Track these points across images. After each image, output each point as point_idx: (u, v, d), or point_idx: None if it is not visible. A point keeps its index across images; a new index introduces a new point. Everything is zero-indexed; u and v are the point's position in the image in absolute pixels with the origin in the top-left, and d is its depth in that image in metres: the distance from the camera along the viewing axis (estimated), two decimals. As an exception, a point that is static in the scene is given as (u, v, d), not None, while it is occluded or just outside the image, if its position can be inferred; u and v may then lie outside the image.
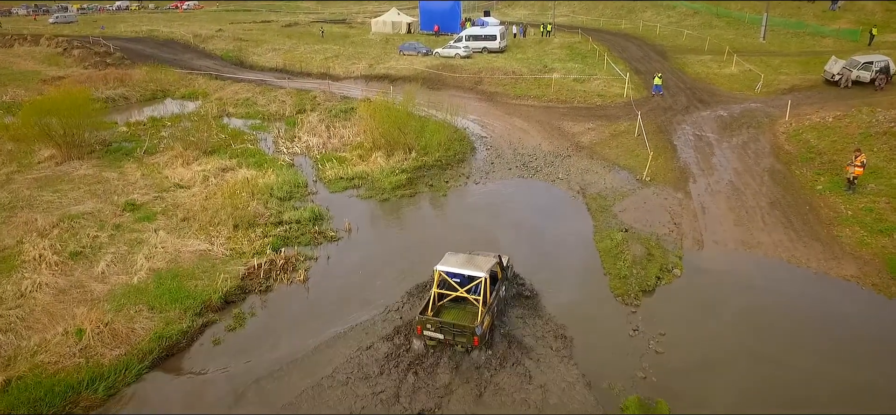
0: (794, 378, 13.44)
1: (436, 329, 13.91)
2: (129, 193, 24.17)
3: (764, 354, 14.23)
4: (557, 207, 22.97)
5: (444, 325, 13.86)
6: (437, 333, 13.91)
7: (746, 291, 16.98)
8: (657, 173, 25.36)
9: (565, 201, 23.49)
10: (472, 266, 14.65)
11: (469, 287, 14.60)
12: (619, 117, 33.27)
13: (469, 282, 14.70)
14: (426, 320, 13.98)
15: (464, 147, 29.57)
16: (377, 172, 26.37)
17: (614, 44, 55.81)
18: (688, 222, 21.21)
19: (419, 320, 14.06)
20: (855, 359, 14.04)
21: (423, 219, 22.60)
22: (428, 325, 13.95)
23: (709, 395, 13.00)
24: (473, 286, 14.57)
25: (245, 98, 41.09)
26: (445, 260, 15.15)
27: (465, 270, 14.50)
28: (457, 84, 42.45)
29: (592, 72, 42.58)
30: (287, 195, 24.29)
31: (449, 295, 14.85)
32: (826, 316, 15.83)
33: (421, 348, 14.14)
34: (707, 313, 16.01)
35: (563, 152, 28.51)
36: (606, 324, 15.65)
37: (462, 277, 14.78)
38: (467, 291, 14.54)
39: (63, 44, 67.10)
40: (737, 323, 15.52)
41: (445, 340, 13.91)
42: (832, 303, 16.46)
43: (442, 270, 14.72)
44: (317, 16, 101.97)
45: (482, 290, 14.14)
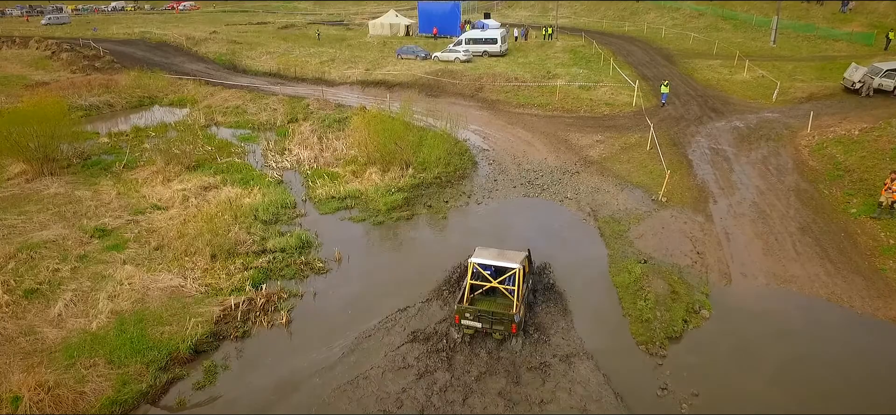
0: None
1: (474, 318, 14.29)
2: (101, 216, 22.02)
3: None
4: (567, 232, 20.86)
5: (483, 313, 14.22)
6: (475, 321, 14.30)
7: (785, 338, 14.89)
8: (674, 192, 23.27)
9: (575, 225, 21.39)
10: (504, 259, 14.98)
11: (502, 279, 14.84)
12: (629, 128, 31.16)
13: (501, 274, 14.98)
14: (464, 310, 14.35)
15: (464, 162, 27.45)
16: (372, 191, 24.25)
17: (619, 47, 53.69)
18: (712, 251, 19.12)
19: (458, 310, 14.41)
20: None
21: (422, 246, 20.46)
22: (466, 314, 14.33)
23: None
24: (507, 277, 14.81)
25: (235, 106, 38.93)
26: (478, 253, 15.36)
27: (498, 262, 14.83)
28: (456, 91, 40.32)
29: (598, 78, 40.45)
30: (273, 218, 22.17)
31: (482, 286, 15.07)
32: (880, 369, 13.75)
33: (458, 338, 14.50)
34: (743, 367, 13.92)
35: (571, 168, 26.40)
36: (630, 380, 13.56)
37: (494, 269, 15.09)
38: (500, 282, 14.76)
39: (52, 47, 64.75)
40: (778, 380, 13.44)
41: (483, 328, 14.33)
42: (887, 353, 14.37)
43: (476, 263, 14.95)
44: (314, 17, 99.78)
45: (516, 280, 14.51)
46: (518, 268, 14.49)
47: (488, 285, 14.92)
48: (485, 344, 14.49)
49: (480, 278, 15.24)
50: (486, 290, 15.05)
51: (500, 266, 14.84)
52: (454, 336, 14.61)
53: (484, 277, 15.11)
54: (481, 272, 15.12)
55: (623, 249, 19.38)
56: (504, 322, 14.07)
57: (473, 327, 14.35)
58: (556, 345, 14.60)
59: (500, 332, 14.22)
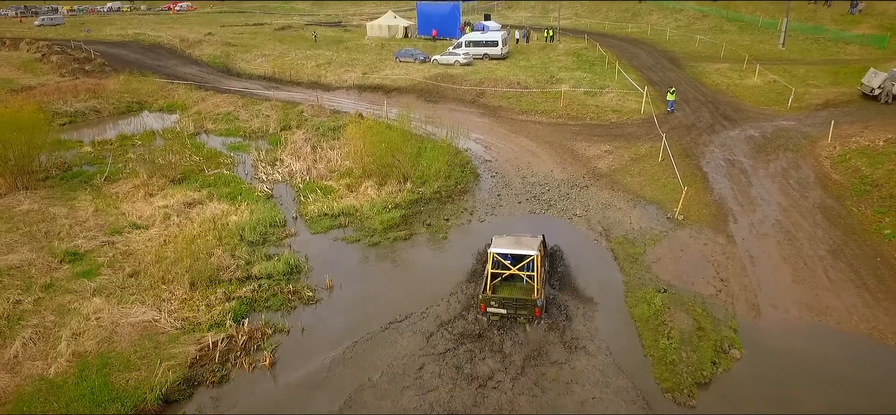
0: None
1: (499, 305, 14.84)
2: (75, 237, 20.26)
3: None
4: (578, 255, 19.07)
5: (507, 300, 14.82)
6: (501, 308, 14.86)
7: (829, 386, 13.19)
8: (690, 209, 21.56)
9: (586, 247, 19.65)
10: (521, 246, 15.64)
11: (521, 265, 15.50)
12: (639, 137, 29.44)
13: (519, 260, 15.63)
14: (490, 298, 14.93)
15: (466, 174, 25.72)
16: (367, 207, 22.52)
17: (623, 50, 51.92)
18: (736, 278, 17.41)
19: (483, 299, 14.97)
20: None
21: (420, 271, 18.70)
22: (491, 302, 14.89)
23: None
24: (526, 263, 15.48)
25: (226, 112, 37.16)
26: (495, 243, 16.00)
27: (516, 250, 15.51)
28: (456, 97, 38.57)
29: (603, 83, 38.72)
30: (260, 238, 20.42)
31: (501, 274, 15.71)
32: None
33: (485, 324, 14.90)
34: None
35: (580, 181, 24.69)
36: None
37: (513, 257, 15.79)
38: (519, 269, 15.51)
39: (43, 49, 62.87)
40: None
41: (508, 314, 14.90)
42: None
43: (495, 252, 15.61)
44: (311, 18, 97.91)
45: (535, 266, 15.16)
46: (535, 254, 15.17)
47: (508, 272, 15.60)
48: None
49: (500, 266, 15.87)
50: (506, 276, 15.69)
51: (518, 254, 15.56)
52: (483, 321, 15.06)
53: (503, 265, 15.83)
54: (501, 261, 15.86)
55: (640, 276, 17.67)
56: (527, 307, 14.76)
57: (499, 313, 14.98)
58: (570, 386, 12.91)
59: (524, 316, 14.88)
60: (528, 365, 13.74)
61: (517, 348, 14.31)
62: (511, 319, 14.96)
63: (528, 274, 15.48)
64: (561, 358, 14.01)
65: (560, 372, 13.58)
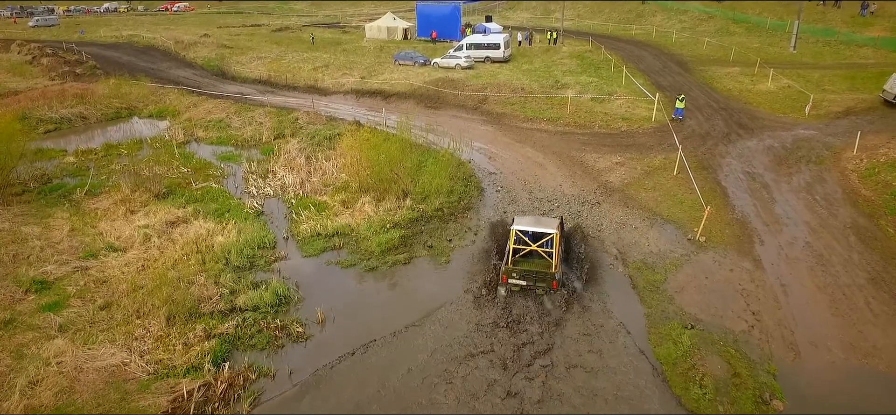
0: None
1: (520, 277, 15.95)
2: (45, 262, 18.51)
3: None
4: (593, 281, 17.37)
5: (527, 272, 15.91)
6: (521, 280, 15.96)
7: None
8: (712, 229, 19.83)
9: (602, 272, 17.91)
10: (541, 225, 16.87)
11: (540, 243, 16.65)
12: (651, 148, 27.71)
13: (540, 238, 16.76)
14: (511, 270, 16.01)
15: (469, 189, 23.97)
16: (364, 227, 20.79)
17: (629, 53, 50.24)
18: (769, 311, 15.70)
19: (505, 270, 16.06)
20: None
21: (421, 300, 16.92)
22: (513, 274, 15.97)
23: None
24: (546, 240, 16.60)
25: (218, 119, 35.40)
26: (517, 221, 17.06)
27: (536, 228, 16.67)
28: (458, 103, 36.82)
29: (611, 88, 36.98)
30: (247, 263, 18.68)
31: (522, 249, 16.80)
32: None
33: (505, 295, 16.06)
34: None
35: (591, 197, 22.96)
36: None
37: (533, 234, 16.91)
38: (539, 246, 16.66)
39: (34, 51, 61.05)
40: None
41: (527, 285, 16.00)
42: None
43: (517, 229, 16.65)
44: (309, 19, 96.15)
45: (554, 243, 16.32)
46: (555, 232, 16.36)
47: (528, 248, 16.72)
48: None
49: (521, 243, 16.85)
50: (526, 252, 16.81)
51: (539, 231, 16.72)
52: (501, 294, 16.11)
53: (524, 241, 16.81)
54: (522, 237, 16.82)
55: (662, 308, 15.96)
56: (546, 279, 15.86)
57: (519, 284, 16.05)
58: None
59: (542, 288, 15.96)
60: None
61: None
62: (530, 290, 16.10)
63: (546, 250, 16.67)
64: (584, 404, 12.31)
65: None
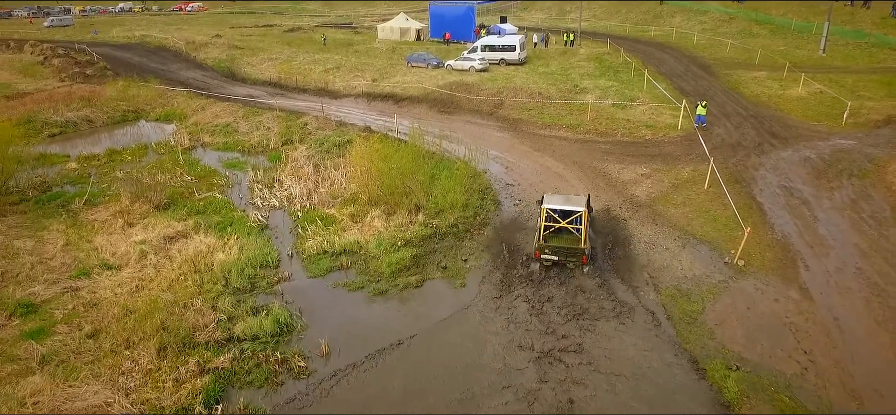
0: None
1: (551, 252, 16.68)
2: (34, 281, 17.28)
3: None
4: (622, 312, 15.75)
5: (559, 248, 16.66)
6: (552, 255, 16.69)
7: None
8: (750, 252, 18.08)
9: (632, 300, 16.26)
10: (570, 203, 17.46)
11: (569, 220, 17.18)
12: (678, 159, 25.94)
13: (568, 216, 17.26)
14: (543, 246, 16.74)
15: (486, 203, 22.39)
16: (373, 244, 19.31)
17: (648, 55, 48.30)
18: (823, 350, 13.97)
19: (538, 246, 16.81)
20: None
21: (434, 330, 15.43)
22: (545, 250, 16.69)
23: None
24: (575, 218, 17.16)
25: (225, 123, 34.14)
26: (547, 200, 17.66)
27: (566, 206, 17.24)
28: (473, 107, 35.23)
29: (632, 93, 35.18)
30: (248, 284, 17.30)
31: (552, 227, 17.29)
32: None
33: (538, 270, 16.86)
34: None
35: (616, 213, 21.28)
36: None
37: (562, 212, 17.31)
38: (568, 223, 17.18)
39: (46, 52, 60.43)
40: None
41: (559, 260, 16.76)
42: None
43: (547, 207, 17.22)
44: (322, 19, 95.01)
45: (582, 220, 16.94)
46: (583, 210, 16.99)
47: (558, 226, 17.20)
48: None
49: (551, 220, 17.32)
50: (556, 230, 17.31)
51: (568, 210, 17.25)
52: (534, 268, 17.02)
53: (554, 219, 17.25)
54: (552, 215, 17.26)
55: (702, 344, 14.30)
56: (576, 254, 16.71)
57: (551, 259, 16.82)
58: None
59: (573, 263, 16.86)
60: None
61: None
62: (561, 264, 16.96)
63: (575, 227, 17.21)
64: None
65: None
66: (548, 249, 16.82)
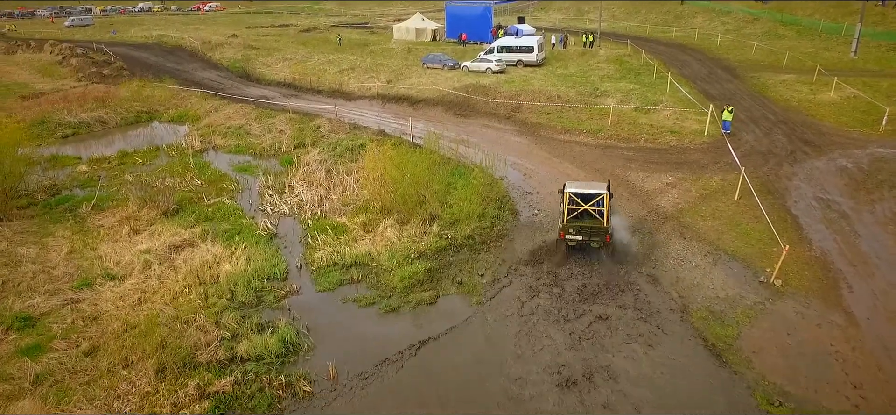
0: None
1: (576, 232, 17.47)
2: (35, 291, 16.60)
3: None
4: (651, 336, 14.61)
5: (583, 228, 17.45)
6: (577, 235, 17.48)
7: None
8: (788, 270, 16.79)
9: (661, 323, 15.10)
10: (591, 187, 18.42)
11: (592, 202, 17.75)
12: (706, 167, 24.62)
13: (590, 199, 17.84)
14: (569, 226, 17.50)
15: (503, 212, 21.32)
16: (385, 255, 18.35)
17: (670, 57, 46.79)
18: (875, 385, 12.69)
19: (563, 227, 17.53)
20: None
21: (447, 352, 14.43)
22: (570, 230, 17.48)
23: None
24: (596, 200, 17.73)
25: (238, 125, 33.46)
26: (570, 185, 18.27)
27: (588, 190, 18.11)
28: (489, 110, 34.15)
29: (655, 96, 33.82)
30: (254, 298, 16.45)
31: (575, 210, 17.76)
32: None
33: (563, 249, 17.82)
34: None
35: (642, 225, 20.09)
36: None
37: (584, 195, 17.91)
38: (590, 206, 17.73)
39: (64, 51, 60.53)
40: None
41: (583, 240, 17.51)
42: None
43: (570, 191, 17.78)
44: (338, 19, 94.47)
45: (604, 203, 17.58)
46: (604, 193, 17.74)
47: (581, 208, 17.72)
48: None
49: (574, 204, 17.82)
50: (579, 212, 17.85)
51: (590, 193, 18.03)
52: (560, 248, 17.96)
53: (577, 202, 17.77)
54: (575, 199, 17.80)
55: (740, 374, 13.09)
56: (599, 234, 17.35)
57: (576, 239, 17.56)
58: None
59: (596, 242, 17.43)
60: None
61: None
62: (585, 244, 17.62)
63: (596, 209, 17.83)
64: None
65: None
66: (572, 230, 17.56)
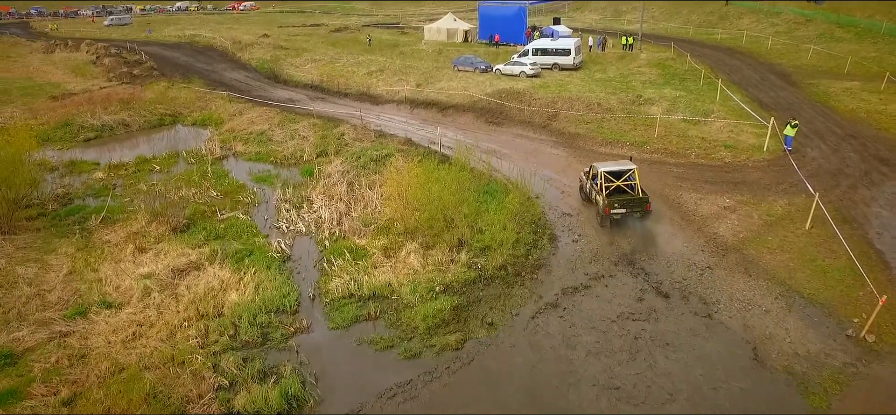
0: None
1: (621, 206, 18.71)
2: (24, 321, 15.01)
3: None
4: (721, 406, 12.07)
5: (626, 201, 18.79)
6: (621, 208, 18.73)
7: None
8: (881, 322, 13.97)
9: (731, 392, 12.51)
10: (620, 165, 20.04)
11: (623, 178, 19.47)
12: (768, 188, 21.72)
13: (622, 175, 19.53)
14: (613, 201, 18.70)
15: (539, 237, 18.93)
16: (407, 287, 16.21)
17: (717, 61, 43.42)
18: None
19: (608, 203, 18.65)
20: None
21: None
22: (615, 204, 18.68)
23: None
24: (628, 175, 19.52)
25: (260, 131, 31.82)
26: (601, 166, 19.90)
27: (618, 167, 19.79)
28: (524, 119, 31.69)
29: (704, 106, 30.81)
30: (260, 335, 14.51)
31: (609, 187, 19.25)
32: None
33: (607, 222, 19.06)
34: None
35: (698, 257, 17.45)
36: None
37: (617, 173, 19.58)
38: (623, 182, 19.44)
39: (99, 51, 60.43)
40: None
41: (626, 212, 18.85)
42: None
43: (603, 171, 19.36)
44: (369, 18, 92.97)
45: (636, 176, 19.35)
46: (634, 167, 19.49)
47: (615, 184, 19.10)
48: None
49: (609, 181, 19.16)
50: (614, 188, 19.10)
51: (621, 170, 19.58)
52: (605, 223, 19.08)
53: (611, 179, 19.13)
54: (609, 177, 19.13)
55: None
56: (640, 204, 18.80)
57: (620, 212, 18.72)
58: None
59: (638, 212, 18.90)
60: None
61: None
62: (628, 215, 18.84)
63: (628, 184, 19.36)
64: None
65: None
66: (617, 203, 18.62)
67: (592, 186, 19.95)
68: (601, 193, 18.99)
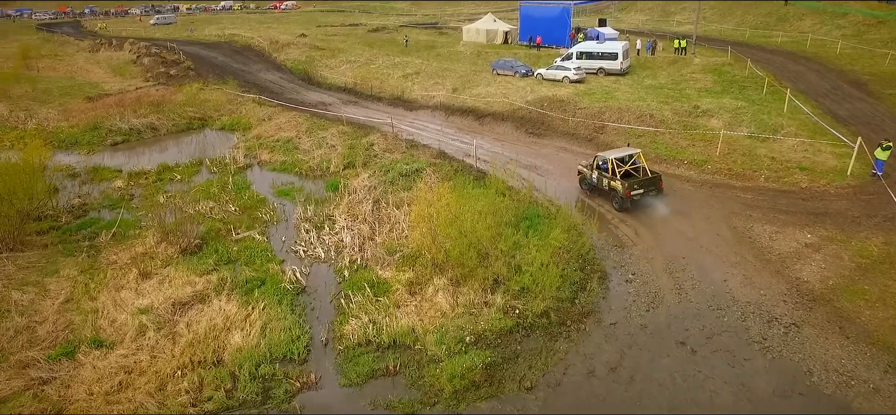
0: None
1: (639, 186, 19.77)
2: (6, 359, 13.32)
3: None
4: None
5: (642, 182, 19.91)
6: (640, 189, 19.80)
7: None
8: None
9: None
10: (623, 151, 20.96)
11: (631, 162, 20.53)
12: (858, 221, 18.37)
13: (628, 160, 20.56)
14: (633, 183, 19.67)
15: (588, 277, 16.23)
16: (433, 336, 13.82)
17: (779, 67, 39.39)
18: None
19: (627, 186, 19.50)
20: None
21: None
22: (634, 186, 19.65)
23: None
24: (634, 159, 20.58)
25: (287, 138, 29.99)
26: (608, 154, 20.77)
27: (624, 153, 20.73)
28: (567, 130, 28.84)
29: (772, 120, 27.27)
30: (260, 391, 12.40)
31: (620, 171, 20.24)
32: None
33: (628, 203, 19.78)
34: None
35: (780, 311, 14.43)
36: None
37: (624, 158, 20.51)
38: (629, 166, 20.47)
39: (140, 50, 60.37)
40: None
41: (644, 192, 19.93)
42: None
43: (612, 158, 20.13)
44: (408, 18, 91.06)
45: (641, 158, 20.58)
46: (638, 151, 20.84)
47: (624, 169, 20.22)
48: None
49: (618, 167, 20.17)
50: (623, 173, 20.11)
51: (627, 155, 20.68)
52: (625, 205, 19.84)
53: (620, 164, 20.28)
54: (618, 163, 20.20)
55: None
56: (654, 183, 20.10)
57: (639, 193, 19.82)
58: None
59: (654, 190, 20.13)
60: None
61: None
62: (645, 195, 19.94)
63: (634, 167, 20.53)
64: None
65: None
66: (636, 185, 19.67)
67: (602, 175, 20.46)
68: (616, 178, 19.72)
